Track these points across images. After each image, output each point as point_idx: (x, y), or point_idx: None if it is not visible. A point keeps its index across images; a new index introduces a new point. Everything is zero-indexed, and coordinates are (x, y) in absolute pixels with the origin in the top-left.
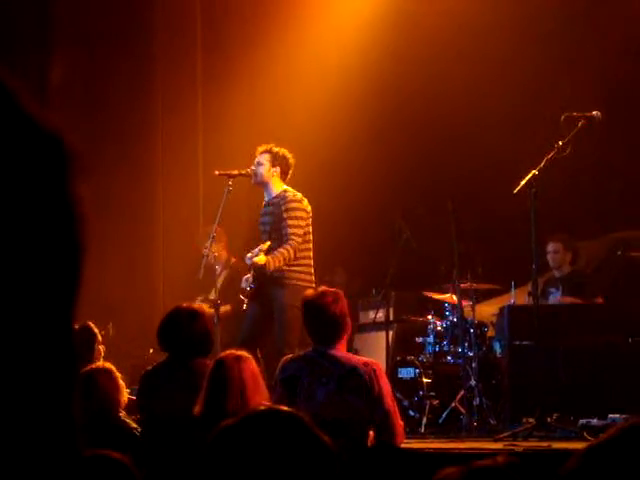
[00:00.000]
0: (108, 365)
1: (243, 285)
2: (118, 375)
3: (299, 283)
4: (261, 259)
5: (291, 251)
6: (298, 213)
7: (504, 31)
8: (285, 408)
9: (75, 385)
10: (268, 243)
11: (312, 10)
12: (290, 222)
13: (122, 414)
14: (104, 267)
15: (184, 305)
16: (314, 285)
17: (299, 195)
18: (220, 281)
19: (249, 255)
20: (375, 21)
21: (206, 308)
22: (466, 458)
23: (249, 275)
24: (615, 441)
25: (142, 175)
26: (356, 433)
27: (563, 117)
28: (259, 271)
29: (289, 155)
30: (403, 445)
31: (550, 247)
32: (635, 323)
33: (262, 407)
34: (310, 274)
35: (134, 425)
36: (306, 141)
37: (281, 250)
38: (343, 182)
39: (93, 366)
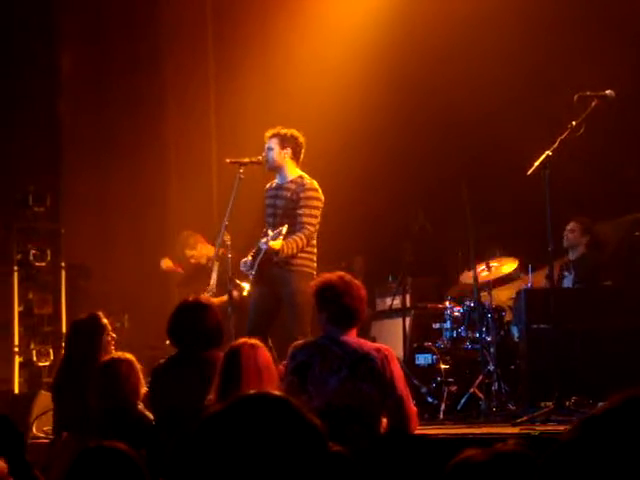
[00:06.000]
0: (129, 355)
1: (244, 269)
2: (138, 366)
3: (306, 270)
4: (277, 244)
5: (305, 240)
6: (314, 202)
7: (519, 14)
8: (274, 392)
9: None
10: (286, 227)
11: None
12: (307, 211)
13: (140, 406)
14: (119, 261)
15: (190, 299)
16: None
17: (315, 184)
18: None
19: (264, 240)
20: (387, 10)
21: (214, 299)
22: (482, 443)
23: (248, 259)
24: (614, 411)
25: (155, 166)
26: (369, 420)
27: (576, 97)
28: (268, 256)
29: (298, 134)
30: (420, 431)
31: (568, 226)
32: None
33: (251, 392)
34: (314, 262)
35: (151, 417)
36: (321, 128)
37: (295, 238)
38: (357, 170)
39: (114, 355)
